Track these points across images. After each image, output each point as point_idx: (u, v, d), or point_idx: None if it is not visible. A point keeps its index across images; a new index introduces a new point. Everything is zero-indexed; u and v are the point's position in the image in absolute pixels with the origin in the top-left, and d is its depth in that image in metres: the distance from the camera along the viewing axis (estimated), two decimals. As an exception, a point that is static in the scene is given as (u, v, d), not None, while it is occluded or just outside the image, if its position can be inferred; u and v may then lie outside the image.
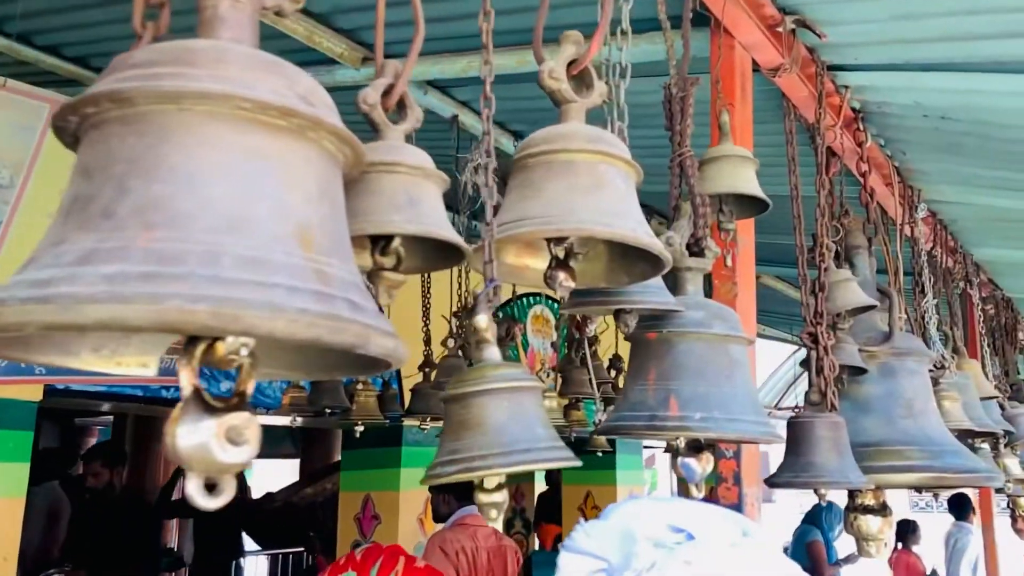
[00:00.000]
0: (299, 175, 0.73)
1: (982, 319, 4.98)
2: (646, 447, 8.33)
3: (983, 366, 4.59)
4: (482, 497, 0.99)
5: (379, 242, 0.98)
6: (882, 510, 2.75)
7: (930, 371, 3.46)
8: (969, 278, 4.80)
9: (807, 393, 2.45)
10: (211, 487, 0.71)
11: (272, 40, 3.20)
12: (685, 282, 1.70)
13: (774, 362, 11.99)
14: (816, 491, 2.42)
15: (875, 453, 2.56)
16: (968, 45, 2.30)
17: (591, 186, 1.25)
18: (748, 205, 1.92)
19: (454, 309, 4.05)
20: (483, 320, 1.03)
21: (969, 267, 4.83)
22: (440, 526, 3.84)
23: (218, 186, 0.68)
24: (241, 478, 8.19)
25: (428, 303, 4.30)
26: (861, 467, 2.46)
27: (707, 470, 1.61)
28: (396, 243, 0.97)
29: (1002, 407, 4.47)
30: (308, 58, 3.20)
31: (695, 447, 1.61)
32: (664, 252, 1.30)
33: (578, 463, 1.05)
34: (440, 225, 0.95)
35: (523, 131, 3.85)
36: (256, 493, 9.17)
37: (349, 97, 1.30)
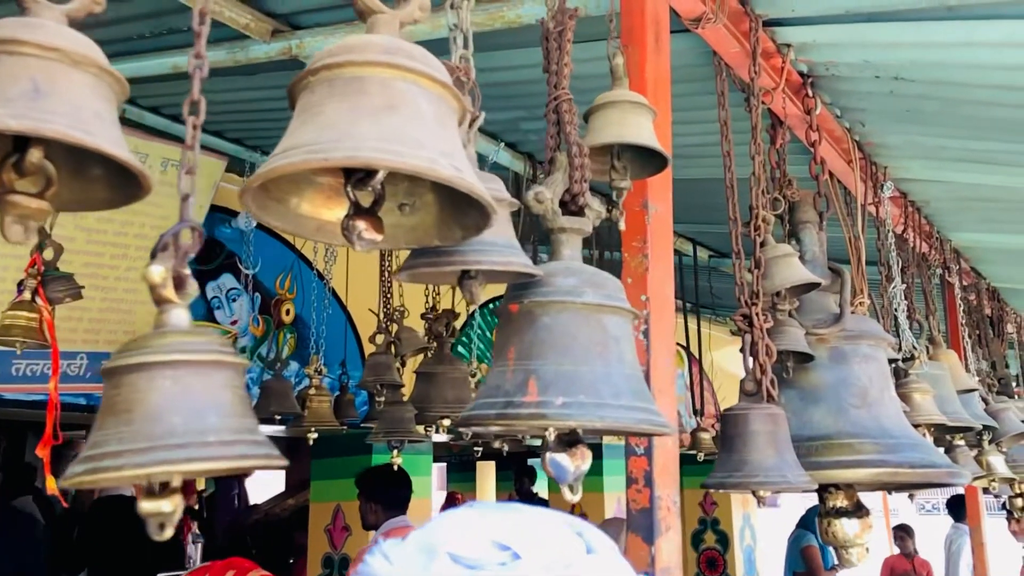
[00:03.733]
0: None
1: (963, 309, 4.71)
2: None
3: (964, 358, 4.32)
4: (144, 505, 0.71)
5: (14, 154, 0.70)
6: (857, 511, 2.48)
7: (899, 361, 3.21)
8: (947, 265, 4.52)
9: (742, 382, 2.18)
10: None
11: (174, 14, 2.94)
12: (559, 245, 1.44)
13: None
14: (754, 493, 2.15)
15: (823, 447, 2.29)
16: (911, -14, 2.04)
17: (382, 107, 0.99)
18: (648, 161, 1.65)
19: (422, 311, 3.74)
20: (156, 272, 0.74)
21: (947, 253, 4.56)
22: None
23: None
24: (242, 488, 7.98)
25: (389, 296, 4.03)
26: (808, 463, 2.20)
27: (582, 468, 1.34)
28: (35, 156, 0.69)
29: (985, 401, 4.20)
30: (216, 35, 2.95)
31: (567, 440, 1.34)
32: (482, 193, 1.04)
33: (274, 463, 0.77)
34: (85, 129, 0.67)
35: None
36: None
37: (267, 80, 1.02)
